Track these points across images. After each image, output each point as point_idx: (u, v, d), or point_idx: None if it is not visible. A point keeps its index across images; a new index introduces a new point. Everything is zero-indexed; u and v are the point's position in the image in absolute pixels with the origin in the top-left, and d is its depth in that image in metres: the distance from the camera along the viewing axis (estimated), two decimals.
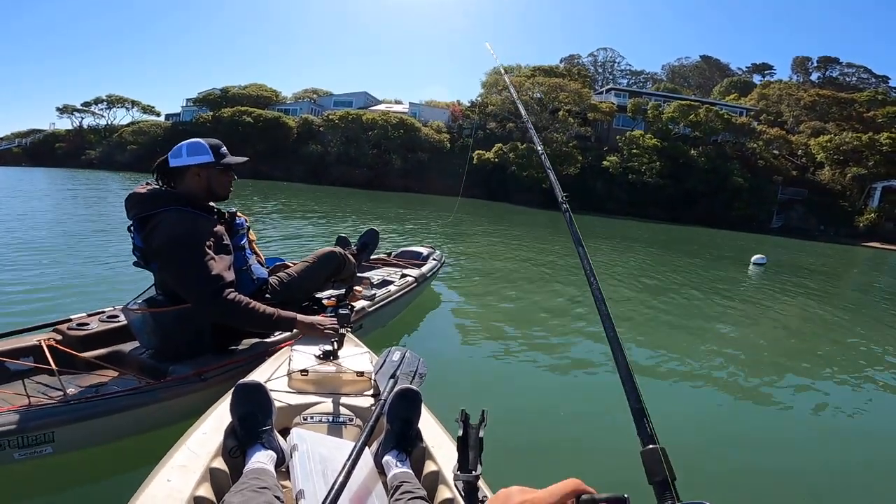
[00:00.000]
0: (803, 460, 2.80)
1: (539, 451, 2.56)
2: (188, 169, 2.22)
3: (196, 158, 2.21)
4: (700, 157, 34.73)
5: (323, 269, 2.80)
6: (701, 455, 2.60)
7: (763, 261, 12.08)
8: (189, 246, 2.04)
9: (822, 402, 3.68)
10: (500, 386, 3.43)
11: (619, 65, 73.00)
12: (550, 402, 3.23)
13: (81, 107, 47.50)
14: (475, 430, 1.19)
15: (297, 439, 1.38)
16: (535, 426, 2.85)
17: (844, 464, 2.79)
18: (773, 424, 3.25)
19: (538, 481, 2.18)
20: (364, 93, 49.71)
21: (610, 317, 1.14)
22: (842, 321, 6.69)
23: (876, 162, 32.53)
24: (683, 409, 3.27)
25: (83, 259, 5.80)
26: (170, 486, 1.18)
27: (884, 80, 56.88)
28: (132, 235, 2.19)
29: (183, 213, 2.11)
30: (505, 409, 2.93)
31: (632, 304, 6.26)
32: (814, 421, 3.38)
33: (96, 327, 2.40)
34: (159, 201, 2.13)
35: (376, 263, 4.70)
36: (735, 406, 3.44)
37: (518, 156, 34.30)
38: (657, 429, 0.85)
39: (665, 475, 0.71)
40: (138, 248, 2.19)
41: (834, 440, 3.13)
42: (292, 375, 1.80)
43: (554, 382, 3.56)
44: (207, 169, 2.24)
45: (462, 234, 12.96)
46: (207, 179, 2.25)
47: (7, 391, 1.91)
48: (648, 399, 0.91)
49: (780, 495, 2.36)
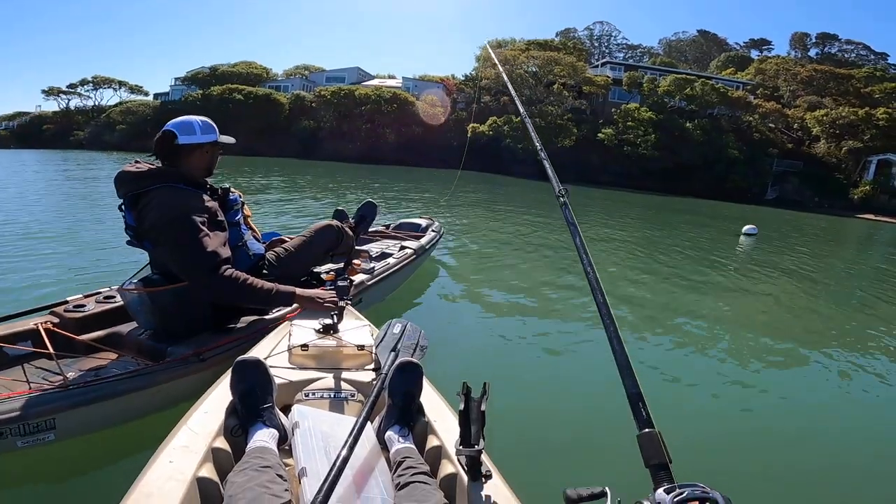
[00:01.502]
0: (799, 439, 2.74)
1: (542, 425, 2.57)
2: (200, 146, 2.22)
3: (208, 136, 2.25)
4: (695, 129, 34.57)
5: (320, 243, 2.78)
6: (694, 435, 2.56)
7: (754, 231, 12.06)
8: (183, 223, 2.00)
9: (812, 375, 3.63)
10: (502, 358, 3.43)
11: (616, 39, 71.84)
12: (552, 373, 3.24)
13: (67, 88, 46.70)
14: (477, 403, 1.19)
15: (299, 416, 1.37)
16: (537, 398, 2.86)
17: (842, 441, 2.75)
18: (766, 401, 3.17)
19: (541, 455, 2.20)
20: (356, 68, 49.01)
21: (607, 304, 1.14)
22: (833, 293, 6.74)
23: (872, 136, 32.39)
24: (676, 388, 3.21)
25: (77, 239, 5.75)
26: (172, 467, 1.18)
27: (883, 56, 56.22)
28: (123, 214, 2.15)
29: (176, 190, 2.08)
30: (507, 381, 2.94)
31: (620, 275, 6.30)
32: (806, 396, 3.32)
33: (93, 309, 2.38)
34: (151, 179, 2.09)
35: (375, 236, 4.67)
36: (726, 383, 3.35)
37: (513, 128, 34.10)
38: (651, 408, 0.85)
39: (661, 459, 0.72)
40: (130, 226, 2.15)
41: (827, 415, 3.07)
42: (293, 350, 1.78)
43: (555, 353, 3.56)
44: (212, 146, 2.29)
45: (460, 205, 12.92)
46: (210, 156, 2.30)
47: (6, 377, 1.90)
48: (641, 377, 0.92)
49: (777, 476, 2.32)
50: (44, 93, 47.02)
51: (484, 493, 1.16)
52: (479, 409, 1.18)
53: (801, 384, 3.53)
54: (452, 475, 1.25)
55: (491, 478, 1.19)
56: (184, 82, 45.76)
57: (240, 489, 1.07)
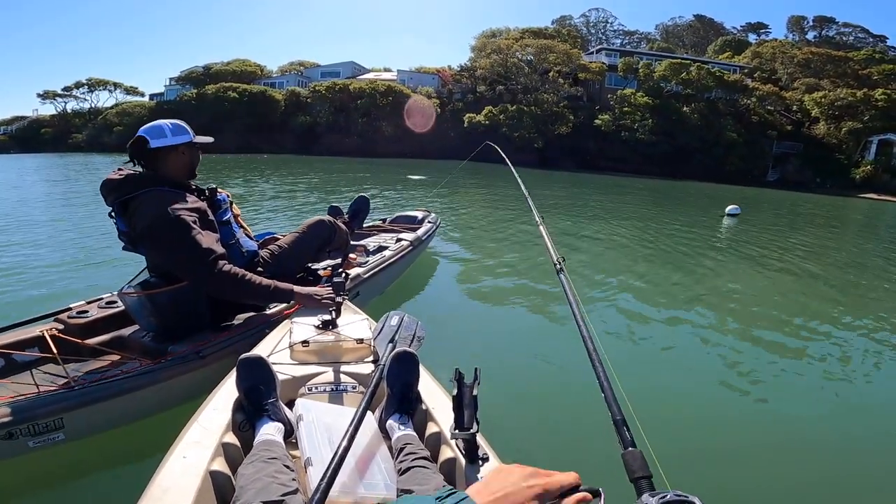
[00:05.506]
0: (784, 432, 2.62)
1: (538, 408, 2.62)
2: (175, 148, 2.21)
3: (181, 138, 2.23)
4: (693, 113, 34.54)
5: (314, 239, 2.79)
6: (675, 430, 2.48)
7: (737, 211, 12.05)
8: (174, 224, 2.02)
9: (788, 363, 3.46)
10: (497, 345, 3.47)
11: (612, 25, 71.51)
12: (545, 357, 3.27)
13: (63, 91, 46.56)
14: (469, 388, 1.23)
15: (303, 409, 1.41)
16: (531, 383, 2.91)
17: (832, 435, 2.63)
18: (746, 396, 3.00)
19: (537, 437, 2.24)
20: (351, 62, 48.78)
21: (594, 341, 1.21)
22: (821, 272, 6.64)
23: (871, 116, 32.29)
24: (653, 380, 3.09)
25: (78, 245, 5.74)
26: (186, 462, 1.22)
27: (881, 39, 55.62)
28: (115, 221, 2.17)
29: (163, 193, 2.10)
30: (503, 367, 2.99)
31: (595, 252, 6.41)
32: (788, 386, 3.15)
33: (96, 314, 2.42)
34: (137, 184, 2.11)
35: (372, 231, 4.70)
36: (703, 372, 3.24)
37: (509, 117, 34.06)
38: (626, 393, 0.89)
39: (645, 472, 0.79)
40: (123, 232, 2.18)
41: (812, 405, 2.93)
42: (294, 347, 1.82)
43: (548, 339, 3.61)
44: (189, 147, 2.27)
45: (457, 196, 12.93)
46: (189, 157, 2.29)
47: (18, 382, 1.94)
48: (617, 368, 0.95)
49: (762, 474, 2.23)
50: (39, 96, 47.01)
51: (481, 475, 1.21)
52: (471, 393, 1.22)
53: (776, 371, 3.34)
54: (452, 459, 1.30)
55: (488, 460, 1.24)
56: (178, 82, 45.74)
57: (249, 480, 1.12)
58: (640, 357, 3.50)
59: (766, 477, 2.20)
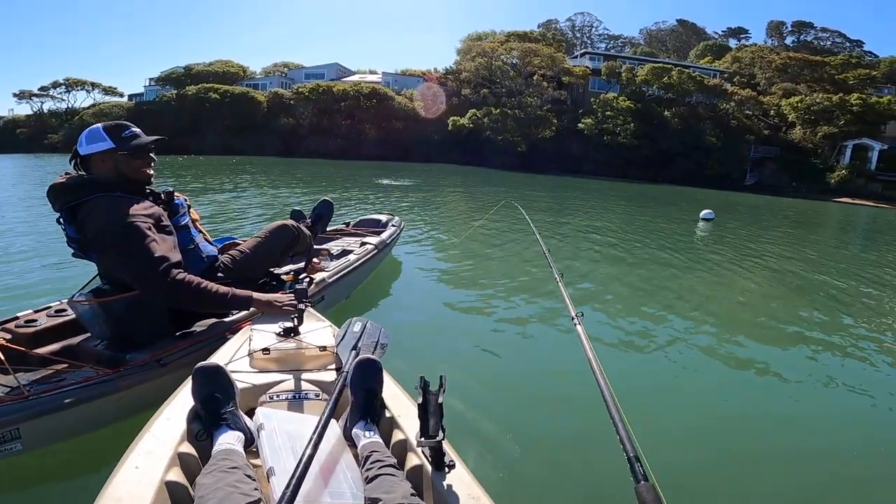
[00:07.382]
0: (770, 440, 2.59)
1: (504, 416, 2.53)
2: (90, 157, 2.10)
3: (95, 146, 2.07)
4: (674, 118, 35.05)
5: (276, 244, 2.72)
6: (671, 438, 2.45)
7: (711, 216, 12.06)
8: (127, 230, 1.95)
9: (760, 369, 3.43)
10: (462, 351, 3.43)
11: (597, 29, 72.21)
12: (512, 364, 3.26)
13: (39, 91, 45.62)
14: (434, 396, 1.23)
15: (263, 418, 1.38)
16: (497, 391, 2.86)
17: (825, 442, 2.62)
18: (727, 400, 3.03)
19: (502, 444, 2.22)
20: (335, 64, 48.70)
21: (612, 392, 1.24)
22: (797, 274, 6.74)
23: (846, 121, 32.98)
24: (643, 381, 3.11)
25: (23, 252, 5.39)
26: (139, 472, 1.17)
27: (858, 44, 56.98)
28: (63, 227, 2.09)
29: (114, 199, 2.01)
30: (467, 373, 2.95)
31: (576, 257, 6.46)
32: (773, 394, 3.16)
33: (45, 323, 2.32)
34: (86, 189, 2.02)
35: (336, 234, 4.66)
36: (699, 395, 3.12)
37: (492, 120, 34.23)
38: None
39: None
40: (73, 238, 2.09)
41: (798, 410, 2.95)
42: (254, 355, 1.77)
43: (514, 344, 3.59)
44: (112, 155, 2.09)
45: (431, 199, 12.84)
46: (114, 165, 2.10)
47: None
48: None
49: (757, 482, 2.20)
50: (15, 96, 45.98)
51: (447, 482, 1.20)
52: (436, 401, 1.22)
53: (752, 378, 3.35)
54: (418, 466, 1.28)
55: (454, 467, 1.23)
56: (158, 82, 45.06)
57: (209, 490, 1.08)
58: (652, 397, 3.09)
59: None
